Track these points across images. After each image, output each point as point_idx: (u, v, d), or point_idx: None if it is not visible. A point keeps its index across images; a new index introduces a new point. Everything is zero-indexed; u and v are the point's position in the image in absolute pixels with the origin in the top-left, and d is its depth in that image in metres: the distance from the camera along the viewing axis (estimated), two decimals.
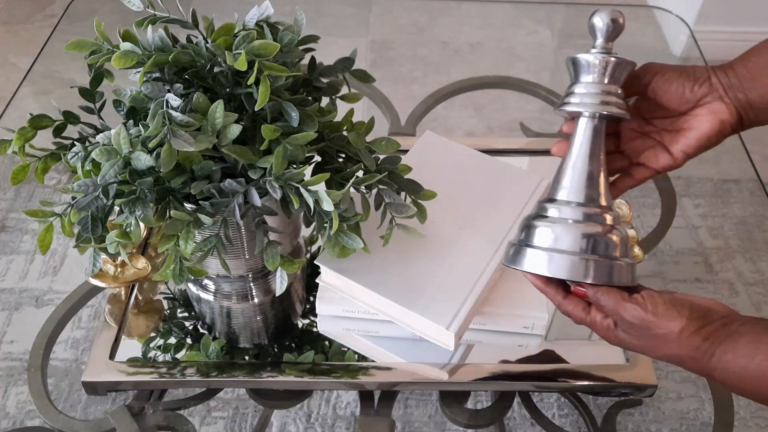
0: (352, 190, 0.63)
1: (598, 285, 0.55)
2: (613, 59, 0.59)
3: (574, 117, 0.61)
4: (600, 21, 0.59)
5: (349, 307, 0.72)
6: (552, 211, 0.59)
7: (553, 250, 0.56)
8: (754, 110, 0.60)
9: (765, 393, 0.50)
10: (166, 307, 0.78)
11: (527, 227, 0.59)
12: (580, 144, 0.60)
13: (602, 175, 0.59)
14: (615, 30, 0.59)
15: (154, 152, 0.58)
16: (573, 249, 0.56)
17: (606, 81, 0.59)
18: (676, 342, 0.52)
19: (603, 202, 0.59)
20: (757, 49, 0.60)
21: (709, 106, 0.60)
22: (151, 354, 0.73)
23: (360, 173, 0.65)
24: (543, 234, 0.58)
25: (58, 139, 0.67)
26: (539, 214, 0.60)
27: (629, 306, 0.53)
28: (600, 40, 0.60)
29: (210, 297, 0.77)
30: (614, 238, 0.57)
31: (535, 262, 0.57)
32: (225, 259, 0.64)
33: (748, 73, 0.59)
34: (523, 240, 0.59)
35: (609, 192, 0.60)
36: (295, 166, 0.61)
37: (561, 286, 0.59)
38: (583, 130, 0.60)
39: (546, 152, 0.96)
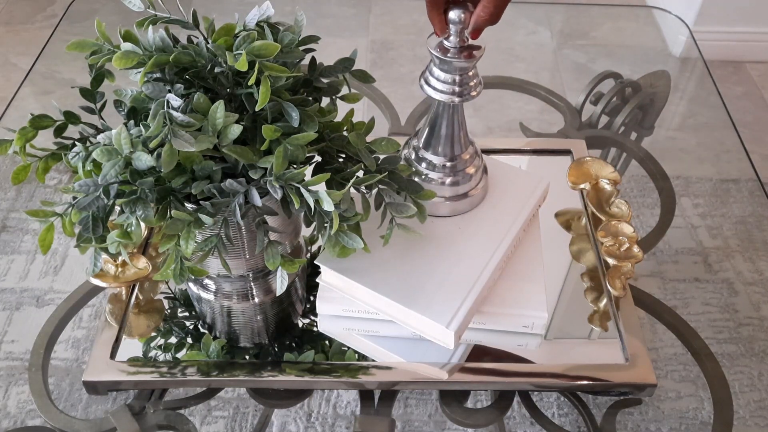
0: (352, 190, 0.63)
1: None
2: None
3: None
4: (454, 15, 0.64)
5: (349, 306, 0.73)
6: (431, 160, 0.75)
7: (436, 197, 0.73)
8: None
9: None
10: (166, 306, 0.78)
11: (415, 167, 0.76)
12: (437, 118, 0.72)
13: (461, 132, 0.74)
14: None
15: (155, 152, 0.58)
16: (446, 196, 0.75)
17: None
18: None
19: (461, 151, 0.75)
20: None
21: None
22: (152, 353, 0.73)
23: (360, 173, 0.65)
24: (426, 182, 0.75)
25: (59, 139, 0.67)
26: (421, 158, 0.76)
27: None
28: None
29: (210, 297, 0.77)
30: (467, 177, 0.75)
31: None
32: (225, 259, 0.64)
33: None
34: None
35: (466, 138, 0.75)
36: (295, 166, 0.61)
37: None
38: (436, 108, 0.72)
39: (546, 152, 0.97)
